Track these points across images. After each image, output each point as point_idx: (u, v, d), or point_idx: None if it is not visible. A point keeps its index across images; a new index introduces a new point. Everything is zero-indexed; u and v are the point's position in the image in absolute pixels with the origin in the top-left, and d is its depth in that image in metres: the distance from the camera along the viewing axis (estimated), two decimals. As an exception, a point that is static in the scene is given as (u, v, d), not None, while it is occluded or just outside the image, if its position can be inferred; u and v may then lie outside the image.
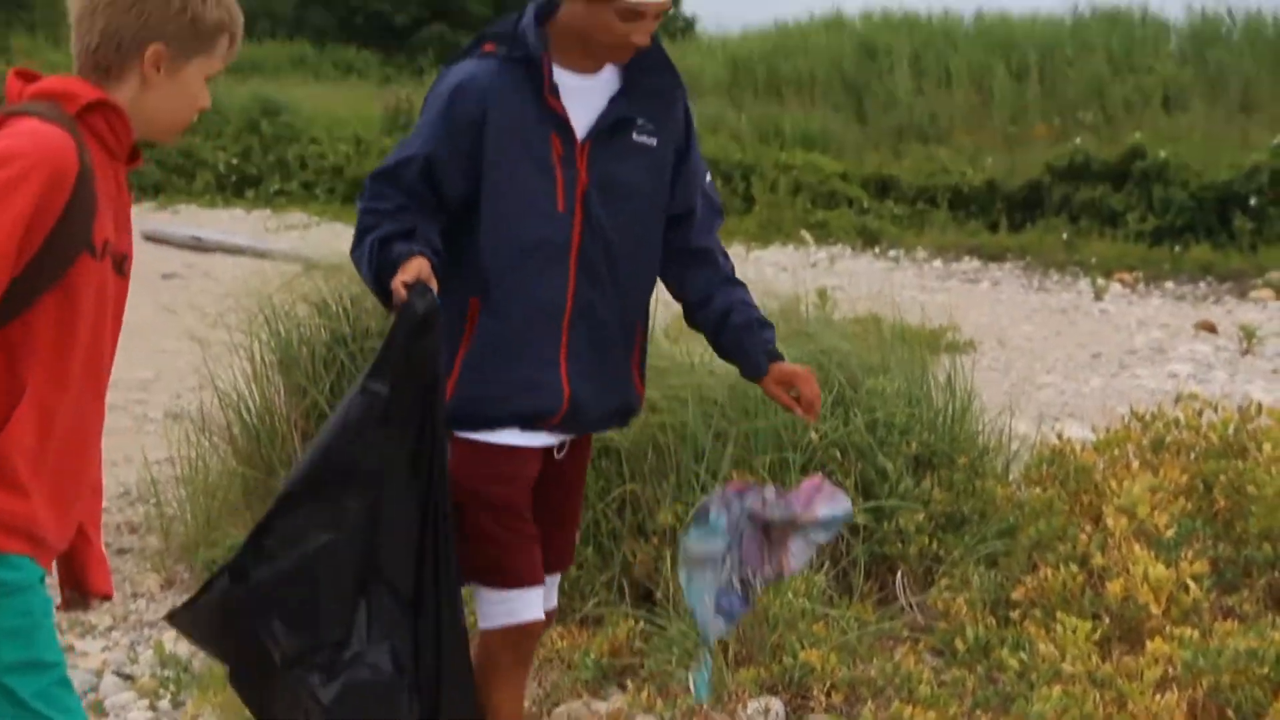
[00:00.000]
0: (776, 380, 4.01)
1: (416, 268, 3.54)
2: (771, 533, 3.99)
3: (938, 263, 18.90)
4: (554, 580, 4.11)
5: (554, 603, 4.14)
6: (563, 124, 3.75)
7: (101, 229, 2.76)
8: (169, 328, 11.33)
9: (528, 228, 3.77)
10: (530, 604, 3.85)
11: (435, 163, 3.73)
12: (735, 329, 4.02)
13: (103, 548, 3.09)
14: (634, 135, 3.85)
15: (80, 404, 2.79)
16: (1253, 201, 18.64)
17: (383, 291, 3.69)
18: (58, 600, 2.99)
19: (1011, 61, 26.65)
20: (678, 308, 4.27)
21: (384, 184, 3.77)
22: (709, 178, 4.17)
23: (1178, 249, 18.25)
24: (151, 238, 18.19)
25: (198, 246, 17.49)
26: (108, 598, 3.13)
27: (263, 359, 6.62)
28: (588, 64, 3.80)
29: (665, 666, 4.93)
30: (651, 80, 3.87)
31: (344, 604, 3.50)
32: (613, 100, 3.83)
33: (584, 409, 3.90)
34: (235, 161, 24.24)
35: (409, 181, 3.74)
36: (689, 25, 45.07)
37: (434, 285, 3.55)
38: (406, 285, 3.51)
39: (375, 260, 3.68)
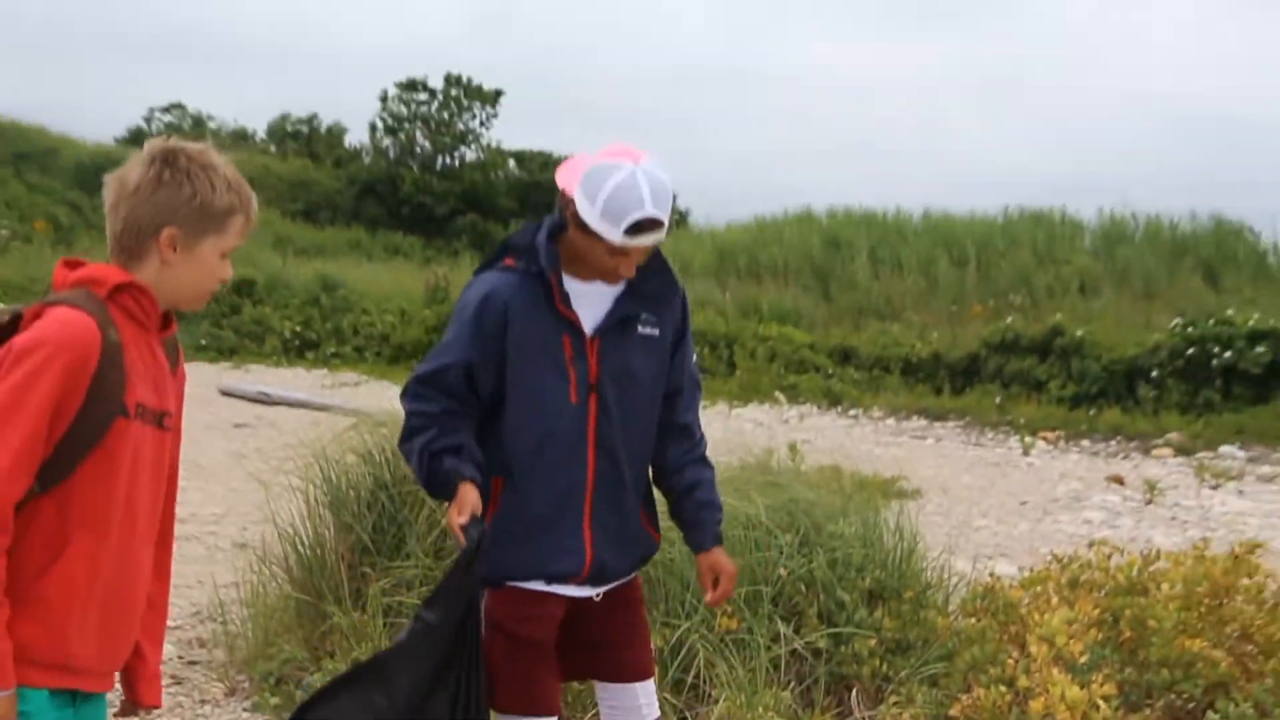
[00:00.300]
0: (711, 563, 3.92)
1: (470, 503, 3.52)
2: None
3: (891, 421, 18.92)
4: (646, 688, 3.96)
5: (656, 712, 3.99)
6: (573, 326, 3.69)
7: (134, 393, 2.74)
8: (239, 470, 11.36)
9: (543, 420, 3.69)
10: None
11: (472, 366, 3.67)
12: (697, 504, 3.95)
13: (158, 665, 3.08)
14: (639, 328, 3.78)
15: (122, 547, 2.77)
16: (1154, 374, 18.72)
17: (431, 492, 3.74)
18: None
19: (953, 253, 26.86)
20: None
21: (428, 387, 3.70)
22: (694, 356, 4.08)
23: (1092, 412, 18.28)
24: (226, 393, 18.25)
25: (265, 400, 17.52)
26: (155, 708, 3.09)
27: (316, 500, 6.61)
28: (593, 275, 3.75)
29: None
30: (652, 283, 3.80)
31: None
32: (618, 300, 3.76)
33: (608, 567, 3.81)
34: (299, 329, 24.35)
35: (449, 384, 3.68)
36: (682, 218, 45.40)
37: (480, 512, 3.52)
38: (462, 526, 3.48)
39: (426, 468, 3.65)
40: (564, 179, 3.61)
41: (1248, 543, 6.31)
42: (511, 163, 51.02)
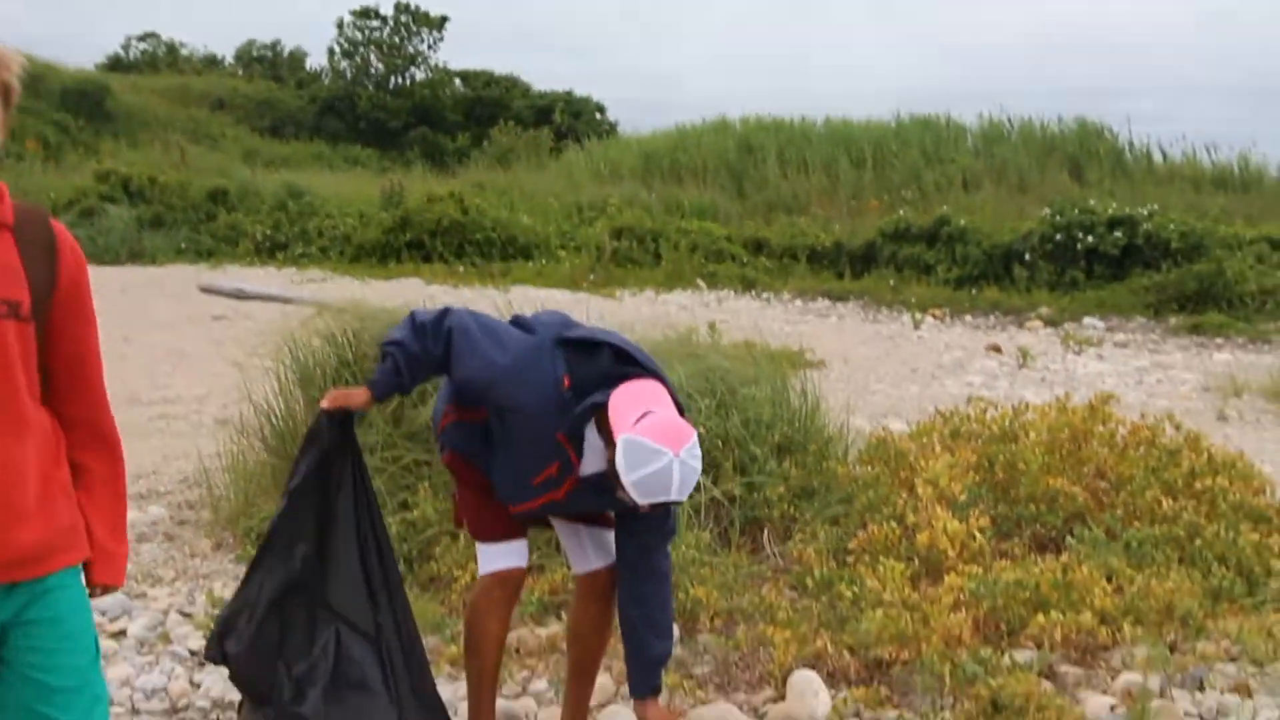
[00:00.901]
0: (650, 711, 3.76)
1: (344, 398, 3.56)
2: None
3: (798, 302, 18.97)
4: (599, 535, 3.89)
5: (611, 557, 3.86)
6: (568, 461, 3.57)
7: None
8: (219, 356, 11.29)
9: (509, 467, 3.65)
10: (509, 554, 3.80)
11: (462, 388, 3.64)
12: (650, 659, 3.76)
13: (112, 544, 2.74)
14: (619, 493, 3.43)
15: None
16: (1027, 257, 18.85)
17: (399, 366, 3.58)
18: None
19: (852, 154, 26.83)
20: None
21: (433, 338, 3.54)
22: (673, 517, 3.80)
23: (974, 291, 18.40)
24: (205, 289, 18.01)
25: (240, 295, 17.30)
26: (112, 587, 2.77)
27: (287, 379, 6.60)
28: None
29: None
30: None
31: (307, 638, 3.40)
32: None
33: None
34: (269, 232, 23.98)
35: (437, 362, 3.56)
36: (612, 128, 45.08)
37: (347, 413, 3.54)
38: (326, 412, 3.53)
39: (382, 354, 3.61)
40: (617, 423, 3.38)
41: (1103, 394, 6.44)
42: (457, 81, 50.32)
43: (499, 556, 3.80)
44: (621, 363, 3.55)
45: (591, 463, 3.56)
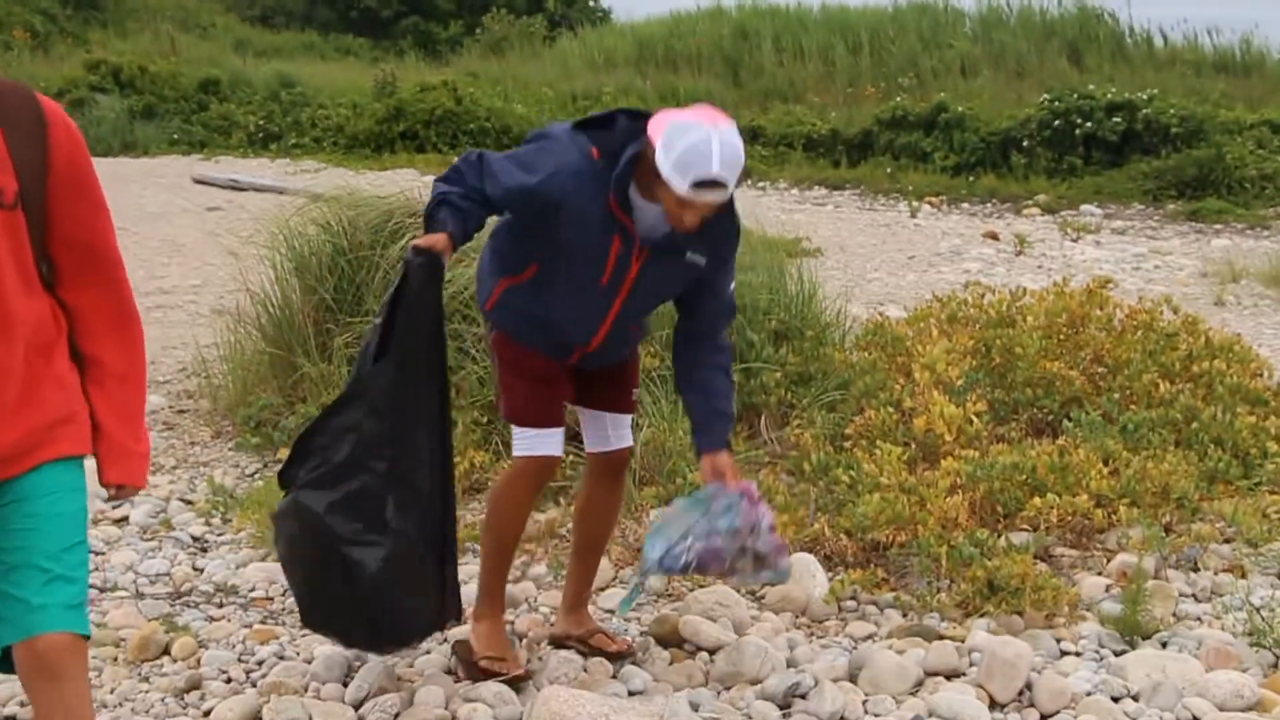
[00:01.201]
0: (713, 462, 3.70)
1: (431, 242, 3.46)
2: (726, 553, 3.62)
3: (795, 191, 18.84)
4: (616, 419, 3.94)
5: (626, 443, 3.98)
6: (626, 231, 3.55)
7: None
8: (214, 246, 11.21)
9: (570, 294, 3.62)
10: (546, 442, 3.77)
11: (507, 206, 3.60)
12: (711, 411, 3.75)
13: (128, 439, 2.64)
14: (687, 255, 3.62)
15: None
16: (1025, 143, 18.66)
17: (425, 225, 3.61)
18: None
19: (848, 40, 26.44)
20: None
21: (469, 170, 3.59)
22: (733, 285, 3.85)
23: (971, 178, 18.28)
24: (199, 180, 17.84)
25: (235, 187, 17.12)
26: (133, 487, 2.68)
27: (283, 267, 6.54)
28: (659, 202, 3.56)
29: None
30: (714, 227, 3.58)
31: (376, 501, 3.44)
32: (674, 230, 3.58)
33: (590, 366, 3.84)
34: (262, 122, 23.70)
35: (481, 193, 3.55)
36: (605, 15, 44.39)
37: (444, 258, 3.46)
38: (417, 250, 3.46)
39: (431, 205, 3.58)
40: (653, 128, 3.44)
41: (1100, 278, 6.43)
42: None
43: (537, 442, 3.77)
44: (637, 120, 3.58)
45: (648, 223, 3.57)
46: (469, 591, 4.02)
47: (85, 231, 2.53)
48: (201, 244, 12.13)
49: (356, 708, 3.65)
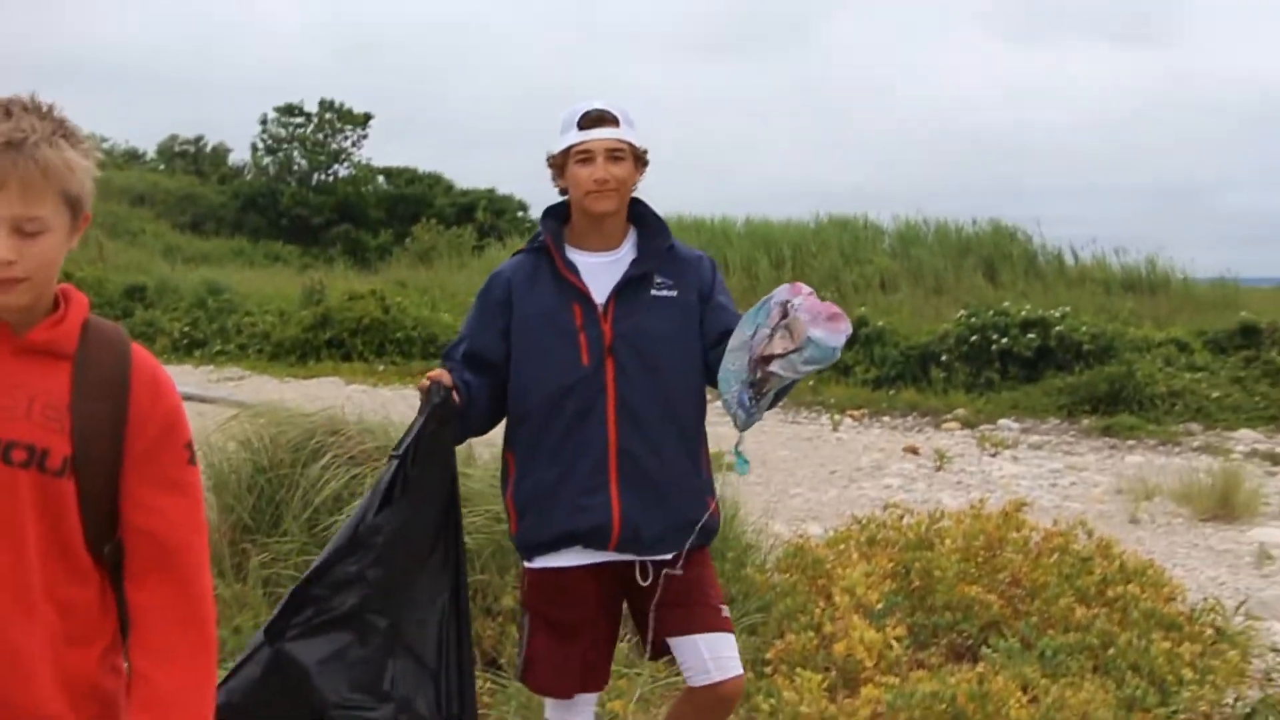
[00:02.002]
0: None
1: (439, 373, 3.39)
2: (779, 325, 3.26)
3: (717, 404, 18.96)
4: (711, 641, 3.51)
5: (733, 671, 3.54)
6: (581, 294, 3.46)
7: None
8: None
9: (552, 384, 3.42)
10: (576, 713, 3.58)
11: (477, 339, 3.54)
12: None
13: (167, 691, 2.10)
14: (653, 291, 3.51)
15: None
16: (944, 358, 19.07)
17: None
18: None
19: (771, 254, 27.06)
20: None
21: (445, 360, 3.58)
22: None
23: (892, 392, 18.56)
24: (120, 388, 17.75)
25: (156, 394, 17.06)
26: None
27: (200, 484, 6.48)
28: (600, 240, 3.55)
29: (506, 715, 4.88)
30: (655, 241, 3.59)
31: (375, 664, 3.12)
32: (629, 266, 3.53)
33: (643, 531, 3.43)
34: (187, 329, 23.80)
35: (460, 354, 3.54)
36: (535, 224, 45.24)
37: (453, 392, 3.36)
38: (430, 379, 3.37)
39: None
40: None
41: (1015, 501, 6.52)
42: (380, 178, 50.46)
43: (565, 714, 3.57)
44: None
45: (598, 279, 3.50)
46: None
47: (156, 522, 2.11)
48: (119, 454, 11.97)
49: None
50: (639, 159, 3.58)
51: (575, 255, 3.54)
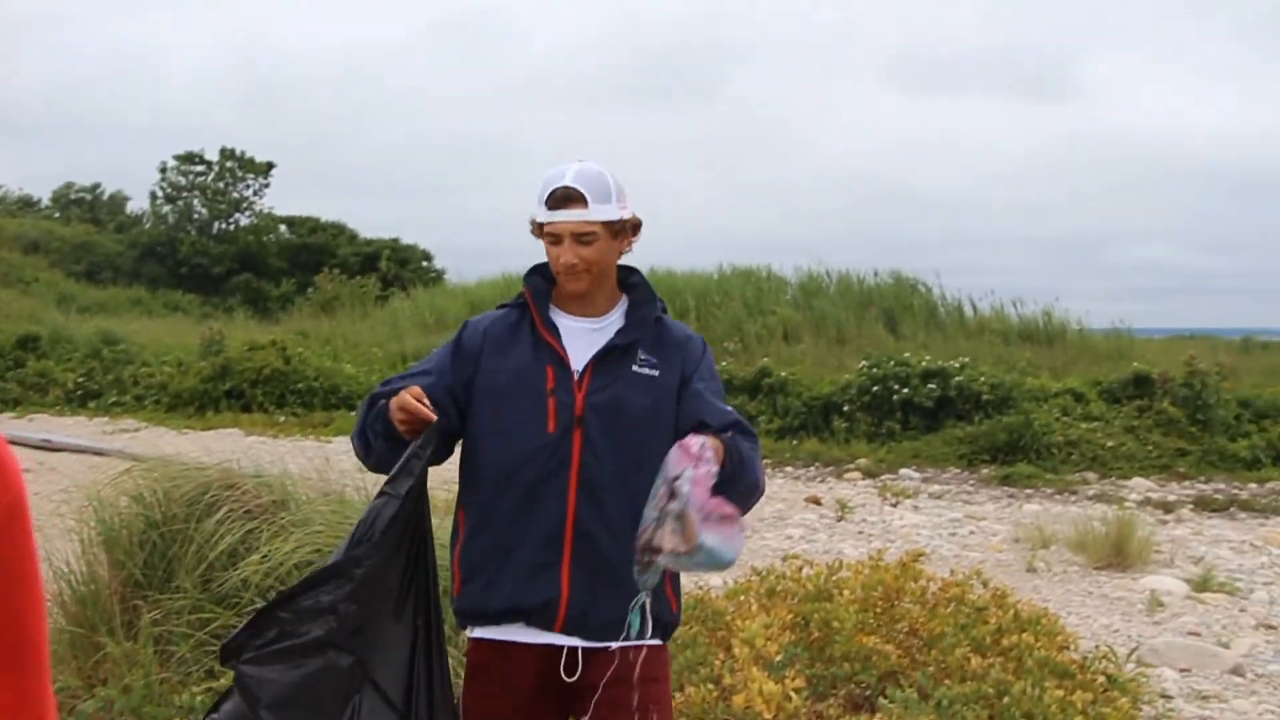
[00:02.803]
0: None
1: (419, 391, 3.09)
2: (668, 511, 2.84)
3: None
4: None
5: None
6: (558, 357, 3.23)
7: None
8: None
9: (515, 448, 3.18)
10: None
11: (436, 383, 3.24)
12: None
13: None
14: (634, 367, 3.26)
15: None
16: (846, 408, 19.28)
17: (365, 433, 3.23)
18: None
19: (675, 305, 27.24)
20: None
21: (394, 380, 3.30)
22: (728, 409, 3.32)
23: (795, 442, 18.69)
24: (10, 441, 17.36)
25: (47, 447, 16.71)
26: None
27: (90, 539, 6.35)
28: (584, 307, 3.34)
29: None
30: (642, 310, 3.38)
31: (335, 699, 2.94)
32: (614, 334, 3.31)
33: (590, 615, 3.16)
34: (81, 380, 23.34)
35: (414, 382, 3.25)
36: (439, 275, 45.19)
37: (427, 404, 3.08)
38: (415, 398, 3.06)
39: (363, 415, 3.24)
40: None
41: (913, 552, 6.59)
42: (283, 227, 50.09)
43: None
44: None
45: (579, 344, 3.28)
46: None
47: None
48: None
49: None
50: (618, 234, 3.31)
51: (559, 317, 3.34)
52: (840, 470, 17.00)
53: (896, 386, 19.05)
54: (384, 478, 3.15)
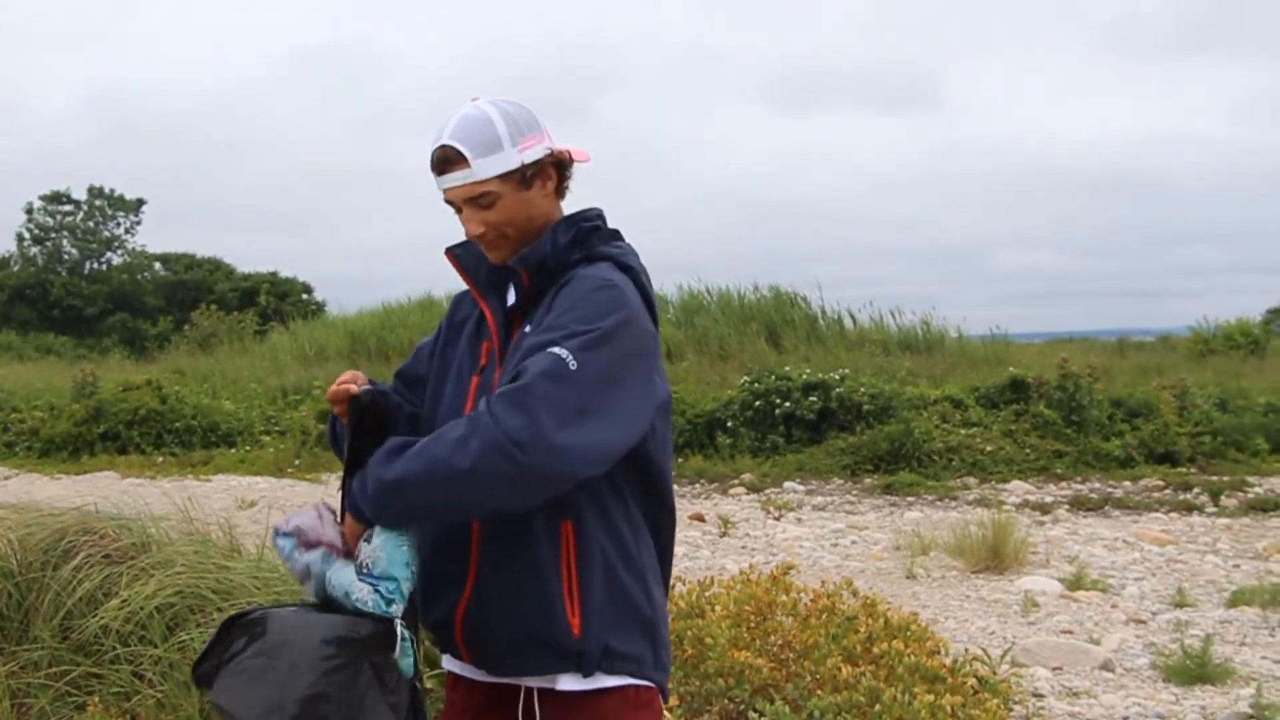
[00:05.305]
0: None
1: (350, 374, 2.80)
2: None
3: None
4: None
5: None
6: (490, 332, 2.79)
7: None
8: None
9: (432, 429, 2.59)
10: None
11: (414, 357, 3.04)
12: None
13: None
14: (526, 328, 2.70)
15: None
16: (730, 424, 19.38)
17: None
18: None
19: (558, 328, 27.24)
20: None
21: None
22: (560, 352, 2.49)
23: (680, 460, 18.72)
24: (-128, 494, 16.80)
25: (-88, 499, 16.21)
26: None
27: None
28: None
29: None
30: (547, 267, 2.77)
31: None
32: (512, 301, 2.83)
33: (490, 639, 2.63)
34: (-52, 427, 22.66)
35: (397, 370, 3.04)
36: (320, 307, 44.68)
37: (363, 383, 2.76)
38: (343, 384, 2.76)
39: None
40: None
41: (783, 565, 6.63)
42: (158, 265, 49.22)
43: None
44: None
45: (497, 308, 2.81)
46: None
47: None
48: None
49: None
50: (528, 180, 2.74)
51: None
52: (725, 486, 17.06)
53: (779, 400, 19.20)
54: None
